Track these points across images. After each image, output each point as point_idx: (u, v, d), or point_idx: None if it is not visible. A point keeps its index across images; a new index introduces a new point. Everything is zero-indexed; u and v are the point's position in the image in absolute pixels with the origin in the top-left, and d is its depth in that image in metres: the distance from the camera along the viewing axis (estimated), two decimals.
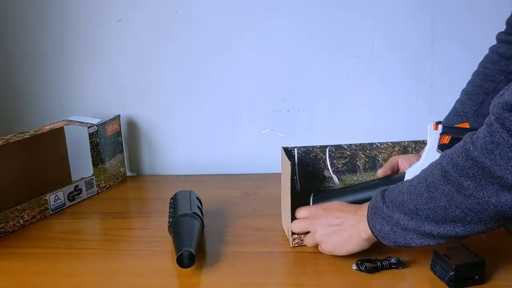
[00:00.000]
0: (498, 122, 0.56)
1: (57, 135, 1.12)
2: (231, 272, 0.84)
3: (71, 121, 1.18)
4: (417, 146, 1.01)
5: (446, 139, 0.85)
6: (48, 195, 1.07)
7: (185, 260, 0.81)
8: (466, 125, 0.86)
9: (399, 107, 1.25)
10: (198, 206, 0.95)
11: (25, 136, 1.04)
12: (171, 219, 0.91)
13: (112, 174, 1.23)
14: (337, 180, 1.00)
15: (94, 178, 1.17)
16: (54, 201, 1.09)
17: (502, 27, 0.93)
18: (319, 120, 1.26)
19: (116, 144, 1.24)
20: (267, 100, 1.27)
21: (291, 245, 0.89)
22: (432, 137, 0.85)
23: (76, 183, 1.14)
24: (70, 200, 1.12)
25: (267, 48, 1.24)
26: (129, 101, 1.30)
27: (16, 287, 0.82)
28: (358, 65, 1.24)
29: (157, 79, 1.28)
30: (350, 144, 1.00)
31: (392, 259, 0.80)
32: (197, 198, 0.99)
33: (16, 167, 1.03)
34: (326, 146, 0.99)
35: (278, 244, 0.91)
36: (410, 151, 1.01)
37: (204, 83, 1.28)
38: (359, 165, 1.00)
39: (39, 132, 1.07)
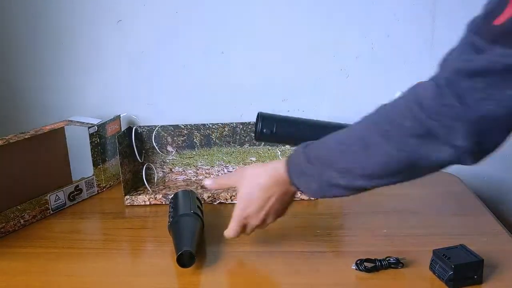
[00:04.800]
0: (449, 87, 0.57)
1: (58, 135, 1.12)
2: (231, 272, 0.84)
3: (71, 121, 1.18)
4: (245, 127, 1.18)
5: None
6: (48, 195, 1.08)
7: (185, 260, 0.81)
8: None
9: None
10: (198, 206, 0.95)
11: (26, 136, 1.04)
12: (171, 219, 0.91)
13: (112, 174, 1.23)
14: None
15: (94, 178, 1.17)
16: (55, 201, 1.09)
17: None
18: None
19: (116, 144, 1.24)
20: (267, 100, 1.27)
21: None
22: None
23: (77, 183, 1.14)
24: (70, 200, 1.13)
25: (267, 48, 1.24)
26: (129, 101, 1.30)
27: (16, 286, 0.83)
28: (358, 65, 1.24)
29: (157, 79, 1.29)
30: (186, 124, 1.19)
31: (392, 259, 0.80)
32: (197, 198, 0.99)
33: (17, 167, 1.03)
34: (166, 126, 1.19)
35: (278, 244, 0.91)
36: (238, 131, 1.18)
37: (204, 83, 1.28)
38: (196, 142, 1.19)
39: (39, 132, 1.08)
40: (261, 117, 0.96)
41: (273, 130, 0.94)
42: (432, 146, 0.60)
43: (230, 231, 0.84)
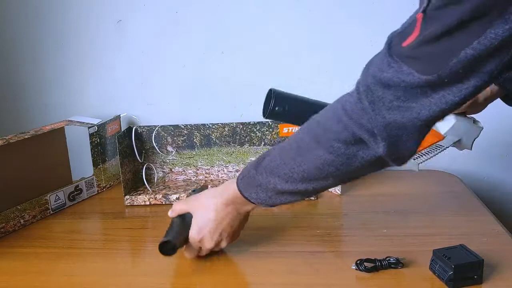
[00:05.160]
0: (366, 94, 0.62)
1: (58, 135, 1.12)
2: (231, 272, 0.84)
3: (71, 121, 1.18)
4: (245, 127, 1.17)
5: None
6: (48, 195, 1.08)
7: (166, 249, 0.82)
8: None
9: None
10: None
11: (26, 136, 1.04)
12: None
13: (112, 174, 1.23)
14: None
15: (94, 178, 1.17)
16: (55, 201, 1.09)
17: None
18: None
19: (116, 144, 1.24)
20: None
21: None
22: None
23: (77, 183, 1.14)
24: (70, 200, 1.13)
25: (267, 48, 1.24)
26: (129, 101, 1.30)
27: (16, 286, 0.83)
28: (358, 65, 1.24)
29: (157, 79, 1.29)
30: (186, 124, 1.18)
31: (391, 259, 0.80)
32: None
33: (17, 167, 1.03)
34: (166, 126, 1.19)
35: (278, 244, 0.91)
36: (238, 131, 1.18)
37: (204, 83, 1.28)
38: (196, 142, 1.18)
39: (39, 132, 1.08)
40: (274, 93, 0.90)
41: (285, 108, 0.89)
42: (358, 148, 0.65)
43: (187, 253, 0.86)
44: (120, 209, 1.10)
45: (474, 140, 0.89)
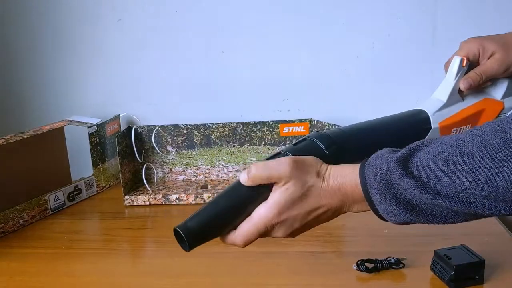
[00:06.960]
0: None
1: (57, 135, 1.12)
2: (231, 272, 0.83)
3: (71, 121, 1.18)
4: (245, 127, 1.18)
5: None
6: (48, 195, 1.07)
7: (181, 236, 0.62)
8: None
9: (400, 107, 1.25)
10: None
11: (25, 136, 1.04)
12: None
13: (112, 174, 1.23)
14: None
15: (94, 178, 1.17)
16: (54, 201, 1.09)
17: (502, 27, 0.93)
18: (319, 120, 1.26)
19: (116, 144, 1.24)
20: (267, 100, 1.27)
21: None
22: (459, 74, 0.79)
23: (76, 183, 1.14)
24: (70, 200, 1.12)
25: (267, 48, 1.24)
26: (129, 101, 1.30)
27: (16, 287, 0.82)
28: (358, 65, 1.24)
29: (157, 78, 1.28)
30: (186, 124, 1.18)
31: (392, 259, 0.80)
32: None
33: (16, 167, 1.03)
34: (166, 125, 1.19)
35: (279, 244, 0.91)
36: (238, 131, 1.18)
37: (204, 83, 1.27)
38: (196, 141, 1.18)
39: (39, 132, 1.07)
40: (320, 137, 0.66)
41: (344, 145, 0.68)
42: None
43: (241, 241, 0.64)
44: (119, 209, 1.09)
45: None
